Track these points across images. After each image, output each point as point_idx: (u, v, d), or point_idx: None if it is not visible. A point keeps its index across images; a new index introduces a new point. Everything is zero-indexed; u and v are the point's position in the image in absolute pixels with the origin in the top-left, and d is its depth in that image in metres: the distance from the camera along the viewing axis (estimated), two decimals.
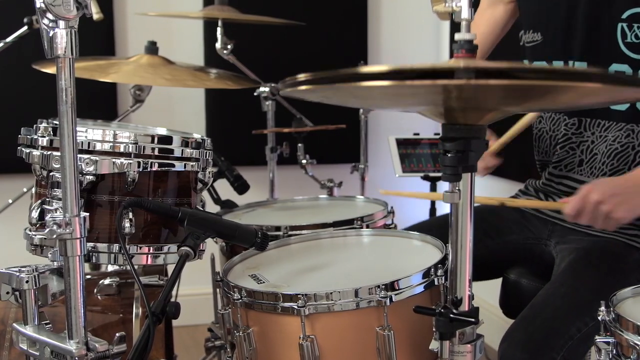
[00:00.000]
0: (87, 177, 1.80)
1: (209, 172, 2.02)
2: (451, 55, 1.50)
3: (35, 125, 1.90)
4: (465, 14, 1.46)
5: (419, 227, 2.44)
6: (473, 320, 1.54)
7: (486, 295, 2.53)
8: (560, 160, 2.32)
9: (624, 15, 2.11)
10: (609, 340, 1.58)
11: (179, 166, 1.91)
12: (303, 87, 1.36)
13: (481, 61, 1.48)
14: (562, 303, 2.00)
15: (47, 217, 1.51)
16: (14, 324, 1.69)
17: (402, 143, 3.70)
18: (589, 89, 1.36)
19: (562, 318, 1.95)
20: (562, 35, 2.26)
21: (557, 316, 1.96)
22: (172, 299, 1.67)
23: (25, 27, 2.93)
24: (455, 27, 1.46)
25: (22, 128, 1.93)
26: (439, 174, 1.48)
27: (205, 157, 1.99)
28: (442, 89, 1.33)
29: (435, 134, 3.82)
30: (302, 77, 1.36)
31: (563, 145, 2.31)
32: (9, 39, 2.97)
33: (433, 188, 3.74)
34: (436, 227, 2.20)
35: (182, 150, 1.92)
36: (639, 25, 2.09)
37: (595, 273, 2.09)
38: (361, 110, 3.46)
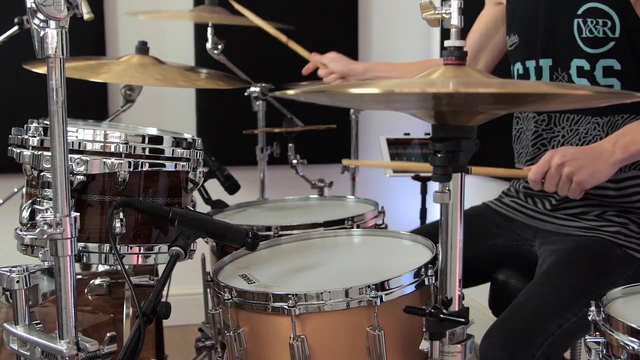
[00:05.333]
0: (78, 177, 1.80)
1: (200, 172, 2.02)
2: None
3: (25, 125, 1.90)
4: (454, 20, 1.47)
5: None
6: (463, 320, 1.55)
7: (476, 295, 2.54)
8: (533, 158, 2.33)
9: (580, 11, 2.16)
10: (599, 340, 1.58)
11: (169, 166, 1.91)
12: (292, 92, 1.38)
13: (473, 72, 1.49)
14: (541, 302, 2.02)
15: (38, 217, 1.51)
16: (5, 324, 1.69)
17: (392, 143, 3.70)
18: (577, 96, 1.38)
19: (542, 316, 1.97)
20: (533, 35, 2.29)
21: (536, 315, 1.98)
22: (163, 299, 1.68)
23: (16, 27, 2.92)
24: (445, 31, 1.47)
25: (12, 128, 1.93)
26: (430, 174, 1.49)
27: (196, 157, 1.99)
28: (433, 96, 1.34)
29: (426, 134, 3.82)
30: (291, 92, 1.38)
31: (535, 142, 2.32)
32: None
33: (423, 188, 3.74)
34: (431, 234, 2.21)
35: (173, 150, 1.92)
36: (592, 20, 2.14)
37: (576, 271, 2.10)
38: (352, 110, 3.47)
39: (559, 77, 2.21)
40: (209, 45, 3.15)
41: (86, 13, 2.84)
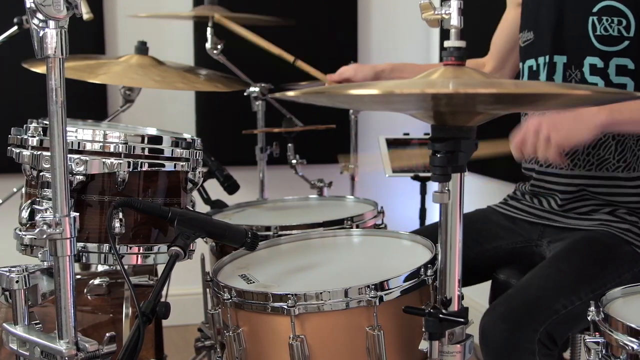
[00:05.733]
0: (77, 177, 1.80)
1: (199, 172, 2.02)
2: (441, 60, 1.51)
3: (25, 125, 1.90)
4: (454, 21, 1.48)
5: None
6: (462, 320, 1.55)
7: (476, 295, 2.54)
8: None
9: (595, 9, 2.17)
10: (599, 340, 1.58)
11: (169, 166, 1.91)
12: (292, 93, 1.38)
13: (472, 72, 1.49)
14: (547, 282, 2.02)
15: (37, 217, 1.51)
16: (4, 324, 1.69)
17: (392, 143, 3.70)
18: (577, 97, 1.38)
19: (547, 294, 1.97)
20: (547, 32, 2.29)
21: (541, 293, 1.98)
22: (162, 299, 1.68)
23: (15, 27, 2.92)
24: (445, 31, 1.47)
25: (12, 128, 1.93)
26: (429, 174, 1.50)
27: (195, 157, 1.99)
28: (432, 97, 1.34)
29: (425, 134, 3.82)
30: (291, 93, 1.38)
31: None
32: None
33: (423, 188, 3.74)
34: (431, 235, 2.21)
35: (172, 150, 1.92)
36: (608, 18, 2.14)
37: (584, 259, 2.10)
38: (351, 111, 3.47)
39: (572, 74, 2.22)
40: (208, 45, 3.15)
41: (85, 13, 2.84)
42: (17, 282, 1.65)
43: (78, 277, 2.42)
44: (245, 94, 3.24)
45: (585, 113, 1.98)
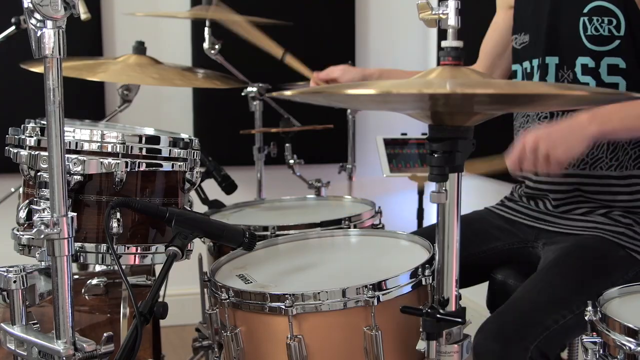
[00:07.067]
0: (75, 177, 1.80)
1: (197, 172, 2.02)
2: (439, 60, 1.51)
3: (22, 125, 1.90)
4: (452, 21, 1.48)
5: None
6: (460, 320, 1.55)
7: (474, 295, 2.54)
8: None
9: (586, 10, 2.17)
10: (596, 340, 1.59)
11: (166, 166, 1.91)
12: (289, 93, 1.38)
13: (470, 72, 1.49)
14: (538, 297, 2.01)
15: (35, 217, 1.51)
16: (2, 324, 1.69)
17: (389, 143, 3.70)
18: (574, 97, 1.38)
19: (538, 310, 1.96)
20: (540, 33, 2.29)
21: (532, 308, 1.97)
22: (160, 299, 1.68)
23: (13, 27, 2.92)
24: (443, 30, 1.47)
25: (9, 128, 1.92)
26: (427, 174, 1.50)
27: (193, 157, 1.99)
28: (429, 97, 1.34)
29: (423, 134, 3.82)
30: (288, 93, 1.38)
31: None
32: None
33: (421, 188, 3.74)
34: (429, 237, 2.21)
35: (170, 150, 1.92)
36: (598, 18, 2.15)
37: (576, 269, 2.10)
38: (349, 111, 3.47)
39: (564, 75, 2.22)
40: (206, 45, 3.15)
41: (83, 13, 2.84)
42: (14, 282, 1.65)
43: (76, 277, 2.42)
44: (242, 93, 3.25)
45: (576, 125, 1.99)
